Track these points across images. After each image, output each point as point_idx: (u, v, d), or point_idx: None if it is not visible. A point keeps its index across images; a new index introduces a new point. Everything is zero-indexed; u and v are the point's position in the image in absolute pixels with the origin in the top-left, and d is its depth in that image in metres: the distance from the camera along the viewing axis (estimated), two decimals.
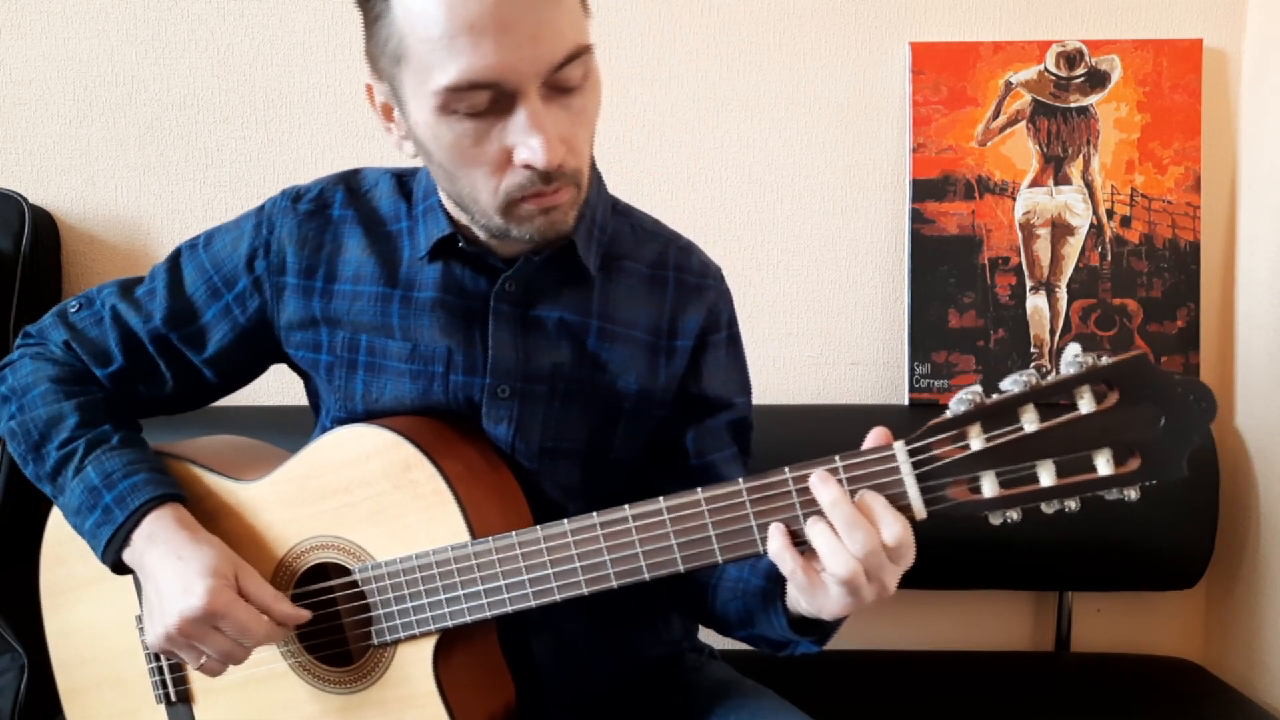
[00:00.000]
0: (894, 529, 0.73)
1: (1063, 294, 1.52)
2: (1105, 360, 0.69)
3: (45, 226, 1.55)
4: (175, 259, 0.99)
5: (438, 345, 0.92)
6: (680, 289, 0.98)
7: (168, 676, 0.98)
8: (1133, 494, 0.71)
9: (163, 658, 0.97)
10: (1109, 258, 1.52)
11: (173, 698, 0.98)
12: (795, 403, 1.59)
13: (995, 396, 0.72)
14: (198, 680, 0.97)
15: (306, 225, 0.95)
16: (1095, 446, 0.71)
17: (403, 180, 0.98)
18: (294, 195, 0.97)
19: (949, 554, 1.43)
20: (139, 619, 0.98)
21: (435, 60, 0.75)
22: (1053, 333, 1.52)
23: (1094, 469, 0.71)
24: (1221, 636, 1.59)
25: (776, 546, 0.76)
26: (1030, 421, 0.71)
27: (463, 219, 0.90)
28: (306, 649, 0.93)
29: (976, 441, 0.73)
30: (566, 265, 0.92)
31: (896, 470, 0.74)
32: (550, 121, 0.77)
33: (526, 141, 0.76)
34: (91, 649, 1.01)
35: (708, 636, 1.13)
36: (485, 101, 0.76)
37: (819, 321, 1.59)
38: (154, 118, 1.57)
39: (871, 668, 1.49)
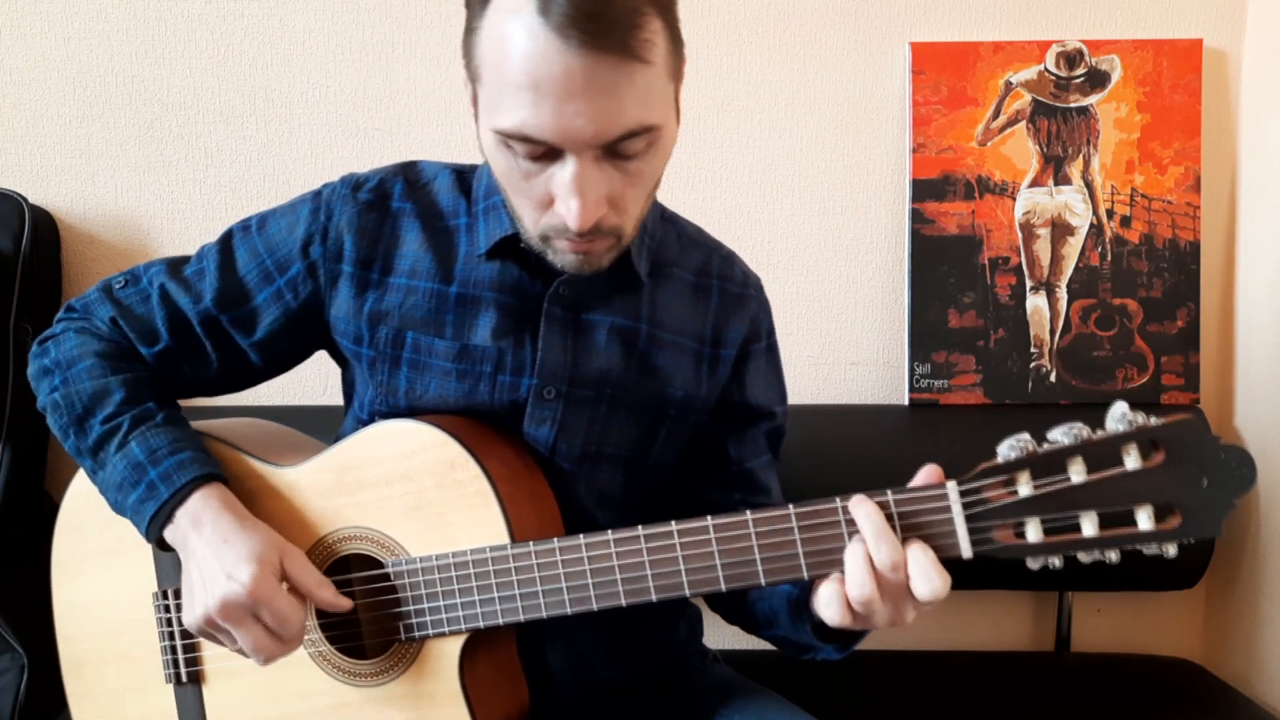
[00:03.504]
0: (934, 585, 0.74)
1: (1063, 294, 1.52)
2: (1155, 421, 0.72)
3: (45, 226, 1.55)
4: (227, 240, 0.98)
5: (488, 345, 0.92)
6: (723, 298, 0.99)
7: (180, 656, 0.96)
8: (1171, 550, 0.74)
9: (177, 636, 0.96)
10: (1109, 258, 1.52)
11: (183, 678, 0.97)
12: (795, 403, 1.58)
13: (1046, 446, 0.74)
14: (210, 662, 0.96)
15: (366, 215, 0.94)
16: (1138, 502, 0.73)
17: (462, 176, 0.97)
18: (353, 184, 0.96)
19: None
20: (156, 596, 0.97)
21: (499, 101, 0.76)
22: (1052, 333, 1.52)
23: (1135, 523, 0.74)
24: (1221, 636, 1.59)
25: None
26: (1078, 473, 0.73)
27: None
28: (328, 639, 0.93)
29: (1025, 488, 0.74)
30: (619, 270, 0.92)
31: (948, 509, 0.76)
32: (593, 184, 0.77)
33: (565, 200, 0.77)
34: (100, 622, 0.99)
35: (710, 640, 1.14)
36: (539, 151, 0.77)
37: (819, 321, 1.59)
38: (154, 118, 1.57)
39: (872, 668, 1.49)
